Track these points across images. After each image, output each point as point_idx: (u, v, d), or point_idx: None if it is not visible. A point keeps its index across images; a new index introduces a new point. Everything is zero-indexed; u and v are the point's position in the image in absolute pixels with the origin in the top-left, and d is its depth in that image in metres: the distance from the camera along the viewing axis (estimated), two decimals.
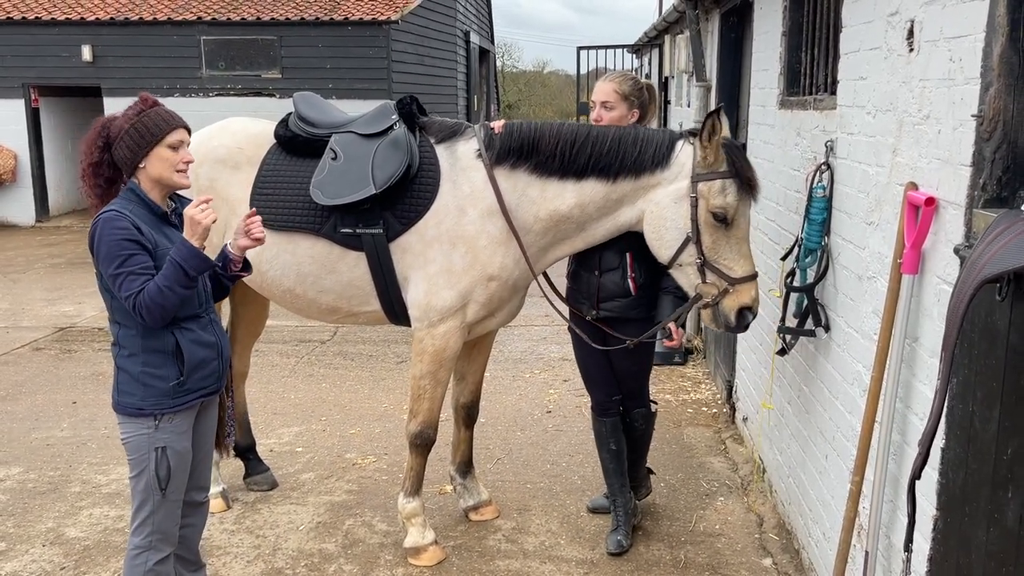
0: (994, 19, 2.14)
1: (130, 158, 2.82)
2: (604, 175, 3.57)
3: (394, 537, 4.13)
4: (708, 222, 3.45)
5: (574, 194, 3.62)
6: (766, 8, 4.91)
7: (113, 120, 2.87)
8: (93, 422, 5.74)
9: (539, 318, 8.46)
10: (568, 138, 3.60)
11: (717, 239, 3.47)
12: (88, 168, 2.85)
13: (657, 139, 3.56)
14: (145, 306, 2.71)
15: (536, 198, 3.66)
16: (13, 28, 15.22)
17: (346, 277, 3.84)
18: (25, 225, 15.66)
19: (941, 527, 2.37)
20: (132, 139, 2.81)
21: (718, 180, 3.44)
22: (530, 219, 3.67)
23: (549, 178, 3.64)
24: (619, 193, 3.59)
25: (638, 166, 3.54)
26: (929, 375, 2.48)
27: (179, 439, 2.91)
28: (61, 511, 4.46)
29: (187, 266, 2.72)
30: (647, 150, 3.53)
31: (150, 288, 2.70)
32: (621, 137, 3.57)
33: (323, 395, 6.29)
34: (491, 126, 3.75)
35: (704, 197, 3.45)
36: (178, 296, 2.74)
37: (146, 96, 2.91)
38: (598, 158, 3.56)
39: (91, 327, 8.25)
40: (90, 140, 2.85)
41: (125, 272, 2.72)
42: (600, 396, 4.09)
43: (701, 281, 3.52)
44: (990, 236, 1.93)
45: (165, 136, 2.83)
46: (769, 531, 4.19)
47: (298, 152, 3.94)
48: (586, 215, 3.64)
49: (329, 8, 15.47)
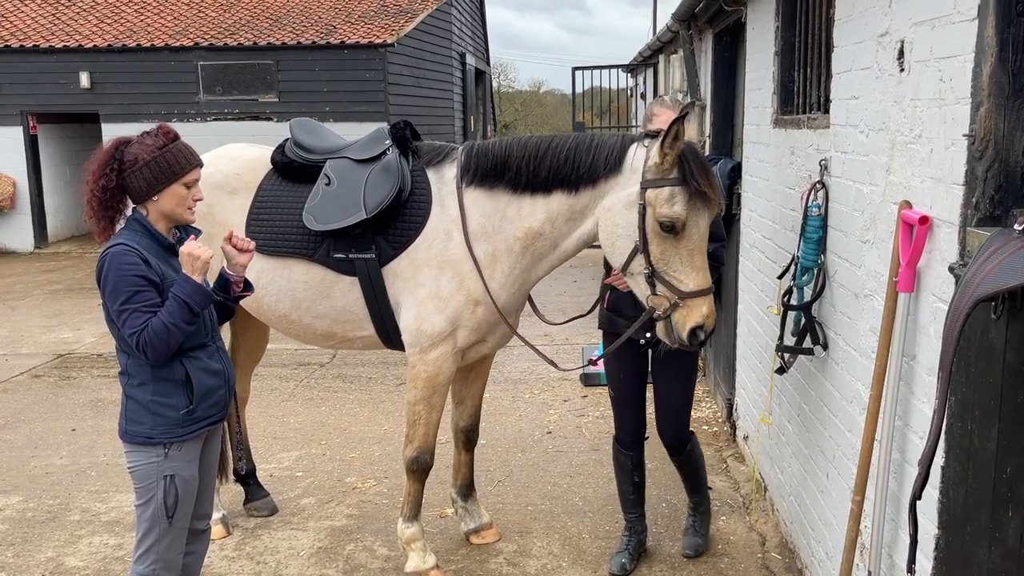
0: (983, 40, 2.16)
1: (145, 190, 2.83)
2: (566, 186, 3.50)
3: (395, 562, 4.11)
4: (656, 231, 3.26)
5: (543, 209, 3.57)
6: (759, 28, 4.95)
7: (128, 145, 2.85)
8: (92, 449, 5.72)
9: (538, 338, 8.45)
10: (532, 151, 3.55)
11: (666, 250, 3.26)
12: (96, 190, 2.83)
13: (611, 144, 3.45)
14: (149, 343, 2.72)
15: (513, 217, 3.63)
16: (11, 56, 15.32)
17: (340, 302, 3.85)
18: (24, 251, 15.67)
19: (943, 546, 2.36)
20: (152, 172, 2.81)
21: (667, 187, 3.23)
22: (511, 239, 3.65)
23: (523, 195, 3.60)
24: (582, 204, 3.50)
25: (593, 173, 3.44)
26: (927, 393, 2.49)
27: (187, 467, 2.91)
28: (60, 540, 4.44)
29: (191, 302, 2.73)
30: (600, 156, 3.43)
31: (154, 324, 2.71)
32: (577, 145, 3.49)
33: (323, 418, 6.28)
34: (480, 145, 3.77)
35: (652, 205, 3.26)
36: (182, 332, 2.76)
37: (167, 129, 2.91)
38: (558, 169, 3.49)
39: (90, 353, 8.24)
40: (102, 161, 2.83)
41: (130, 309, 2.73)
42: (630, 428, 4.10)
43: (651, 293, 3.33)
44: (984, 255, 1.94)
45: (185, 174, 2.86)
46: (772, 551, 4.18)
47: (294, 178, 3.95)
48: (556, 231, 3.59)
49: (325, 32, 15.57)
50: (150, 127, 2.94)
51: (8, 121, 15.42)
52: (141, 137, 2.87)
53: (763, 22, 4.78)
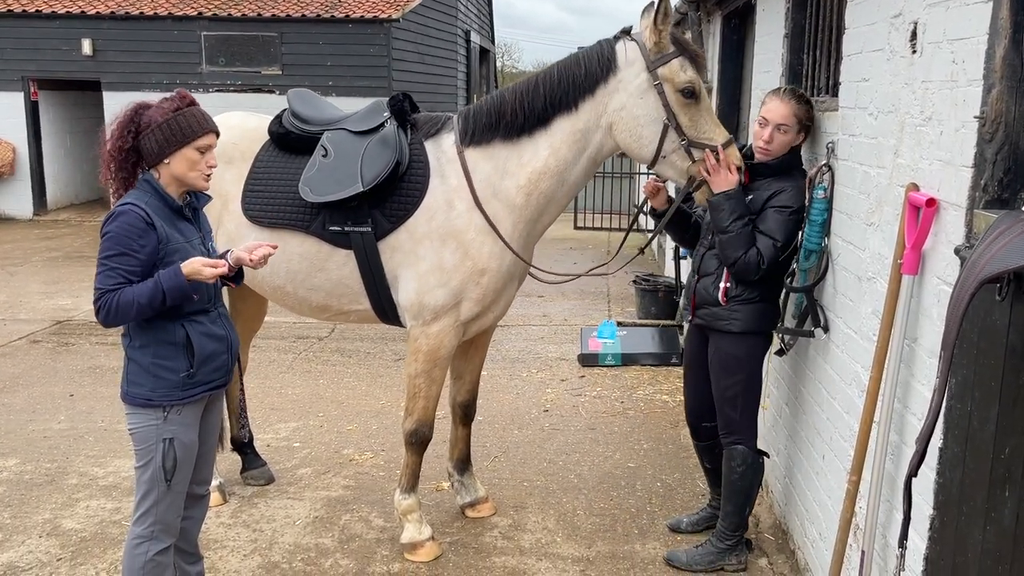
0: (997, 22, 2.15)
1: (157, 152, 2.82)
2: (565, 107, 3.57)
3: (391, 532, 4.14)
4: (679, 102, 3.47)
5: (546, 143, 3.62)
6: (769, 10, 4.93)
7: (147, 108, 2.87)
8: (90, 415, 5.73)
9: (536, 318, 8.47)
10: (523, 88, 3.65)
11: (693, 115, 3.49)
12: (114, 151, 2.84)
13: (594, 50, 3.58)
14: (110, 308, 2.72)
15: (514, 168, 3.66)
16: (13, 20, 15.22)
17: (335, 275, 3.84)
18: (23, 218, 15.64)
19: (938, 526, 2.38)
20: (163, 134, 2.81)
21: (674, 60, 3.47)
22: (512, 191, 3.67)
23: (520, 139, 3.64)
24: (584, 120, 3.58)
25: (591, 81, 3.54)
26: (928, 376, 2.50)
27: (186, 431, 2.92)
28: (58, 503, 4.45)
29: (168, 296, 2.73)
30: (591, 63, 3.55)
31: (124, 295, 2.72)
32: (564, 66, 3.60)
33: (321, 391, 6.30)
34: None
35: (668, 80, 3.46)
36: (143, 315, 2.76)
37: (184, 93, 2.92)
38: (553, 92, 3.57)
39: (88, 320, 8.24)
40: (122, 123, 2.85)
41: (109, 266, 2.74)
42: (690, 418, 3.99)
43: (691, 162, 3.52)
44: (990, 236, 1.94)
45: (197, 139, 2.85)
46: (765, 531, 4.21)
47: (291, 149, 3.93)
48: (561, 161, 3.63)
49: (330, 5, 15.48)
50: (151, 96, 2.94)
51: (9, 87, 15.35)
52: (160, 102, 2.88)
53: (773, 4, 4.76)
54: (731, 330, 3.59)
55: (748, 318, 3.58)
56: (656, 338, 7.14)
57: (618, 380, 6.55)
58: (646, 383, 6.45)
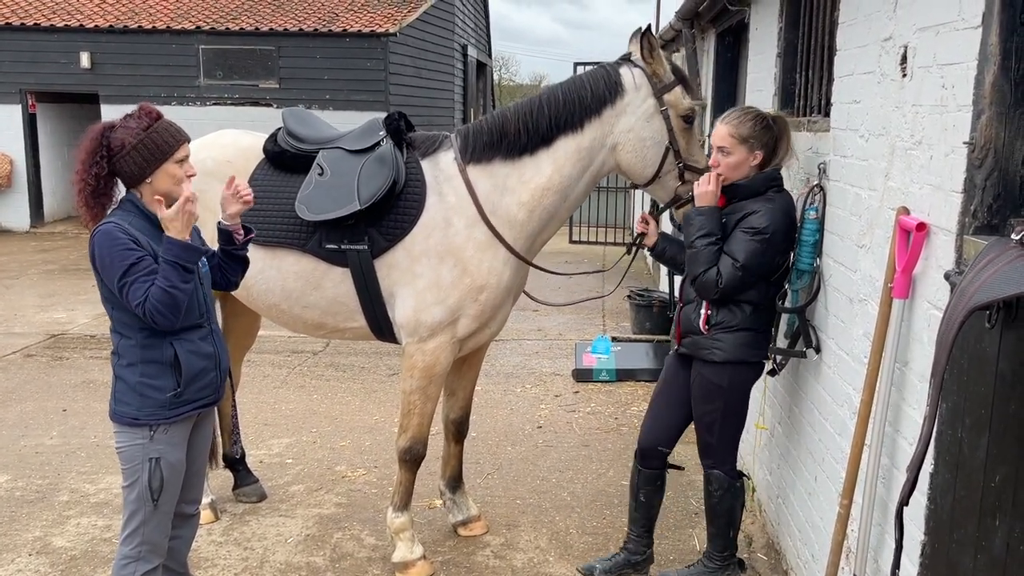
0: (987, 47, 2.16)
1: (138, 174, 2.81)
2: (570, 127, 3.67)
3: (382, 551, 4.12)
4: (681, 127, 3.67)
5: (549, 161, 3.69)
6: (762, 29, 4.95)
7: (113, 129, 2.82)
8: (83, 430, 5.71)
9: (531, 332, 8.47)
10: (526, 109, 3.73)
11: (688, 140, 3.70)
12: (89, 179, 2.81)
13: (600, 74, 3.70)
14: (156, 311, 2.70)
15: (515, 185, 3.71)
16: (12, 33, 15.26)
17: (331, 293, 3.84)
18: (20, 230, 15.64)
19: (928, 552, 2.37)
20: (141, 155, 2.79)
21: (676, 87, 3.67)
22: (514, 208, 3.71)
23: (521, 157, 3.71)
24: (589, 139, 3.68)
25: (598, 103, 3.66)
26: (919, 399, 2.49)
27: (173, 450, 2.90)
28: (48, 520, 4.43)
29: (181, 261, 2.72)
30: (598, 86, 3.67)
31: (154, 292, 2.69)
32: (569, 87, 3.71)
33: (314, 407, 6.28)
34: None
35: (673, 106, 3.65)
36: (184, 292, 2.74)
37: (149, 108, 2.87)
38: (559, 112, 3.67)
39: (83, 334, 8.22)
40: (90, 150, 2.81)
41: (129, 281, 2.72)
42: (645, 442, 3.76)
43: (680, 183, 3.70)
44: (980, 263, 1.94)
45: (174, 152, 2.84)
46: (758, 551, 4.19)
47: (286, 167, 3.93)
48: (566, 177, 3.71)
49: (327, 19, 15.53)
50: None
51: (7, 99, 15.39)
52: (124, 121, 2.84)
53: (767, 23, 4.78)
54: (712, 359, 3.47)
55: (730, 347, 3.44)
56: (651, 353, 7.14)
57: (612, 396, 6.54)
58: (640, 399, 6.44)
